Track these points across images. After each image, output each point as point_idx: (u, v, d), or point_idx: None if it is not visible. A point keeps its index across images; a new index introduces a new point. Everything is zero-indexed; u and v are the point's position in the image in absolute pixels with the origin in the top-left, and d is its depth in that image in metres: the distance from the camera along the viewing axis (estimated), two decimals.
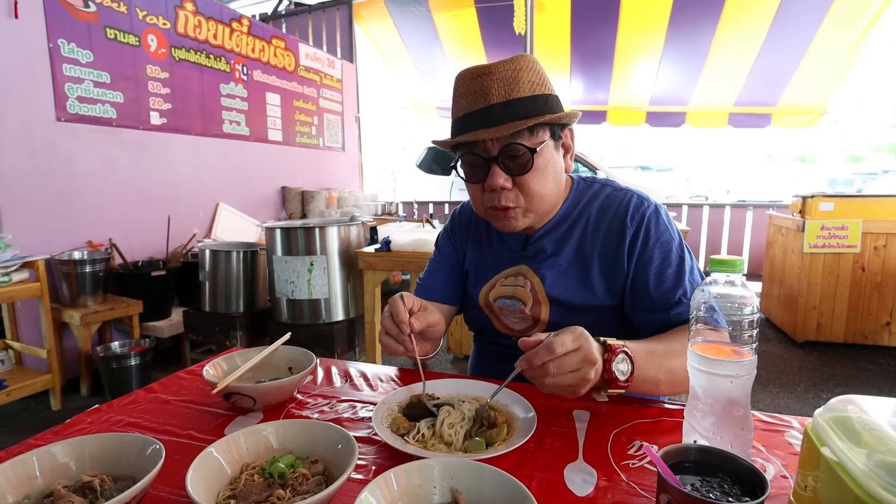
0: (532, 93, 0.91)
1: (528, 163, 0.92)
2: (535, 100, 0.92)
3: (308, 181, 5.16)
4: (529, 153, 0.91)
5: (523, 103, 0.91)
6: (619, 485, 0.64)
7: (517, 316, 1.07)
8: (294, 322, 2.81)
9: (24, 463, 0.61)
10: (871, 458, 0.47)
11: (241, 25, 4.26)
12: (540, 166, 0.94)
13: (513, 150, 0.91)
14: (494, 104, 0.90)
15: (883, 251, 3.48)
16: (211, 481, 0.60)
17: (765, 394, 2.90)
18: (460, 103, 0.96)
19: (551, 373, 0.71)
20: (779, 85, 5.56)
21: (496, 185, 0.92)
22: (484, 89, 0.91)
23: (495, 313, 1.11)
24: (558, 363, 0.71)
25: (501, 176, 0.92)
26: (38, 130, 2.85)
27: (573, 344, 0.72)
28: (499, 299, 1.09)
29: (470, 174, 0.98)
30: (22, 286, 2.55)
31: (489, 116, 0.91)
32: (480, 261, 1.15)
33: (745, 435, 0.64)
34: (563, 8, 5.08)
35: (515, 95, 0.90)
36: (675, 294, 0.95)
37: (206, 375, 0.89)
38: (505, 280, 1.08)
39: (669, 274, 0.96)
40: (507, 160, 0.92)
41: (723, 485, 0.52)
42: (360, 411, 0.89)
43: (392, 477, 0.57)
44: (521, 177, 0.93)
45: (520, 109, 0.90)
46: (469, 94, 0.93)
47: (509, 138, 0.90)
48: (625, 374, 0.76)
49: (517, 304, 1.06)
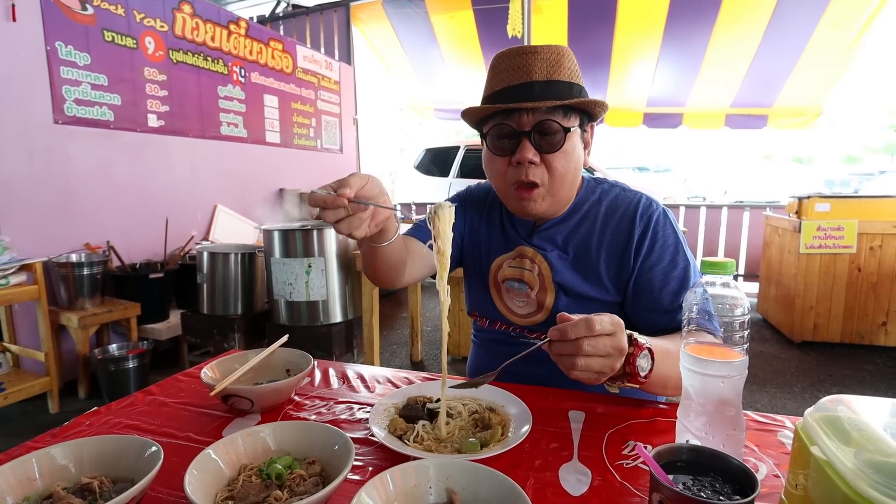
0: (571, 79, 0.94)
1: (559, 141, 0.94)
2: (573, 86, 0.94)
3: (306, 183, 5.16)
4: (563, 132, 0.93)
5: (563, 86, 0.93)
6: (613, 485, 0.65)
7: (522, 300, 1.08)
8: (292, 324, 2.82)
9: (24, 465, 0.62)
10: (859, 457, 0.48)
11: (239, 28, 4.27)
12: (568, 149, 0.95)
13: (547, 126, 0.93)
14: (536, 81, 0.92)
15: (879, 251, 3.50)
16: (209, 483, 0.61)
17: (762, 394, 2.91)
18: (499, 78, 0.96)
19: (585, 351, 0.67)
20: (775, 86, 5.58)
21: (525, 158, 0.93)
22: (527, 66, 0.93)
23: (501, 295, 1.12)
24: (594, 342, 0.67)
25: (531, 150, 0.93)
26: (36, 133, 2.85)
27: (611, 327, 0.69)
28: (507, 281, 1.10)
29: (499, 147, 0.98)
30: (19, 289, 2.55)
31: (529, 91, 0.92)
32: (489, 238, 1.16)
33: (737, 434, 0.64)
34: (560, 10, 5.10)
35: (557, 77, 0.93)
36: (679, 297, 0.96)
37: (204, 378, 0.90)
38: (512, 262, 1.10)
39: (675, 276, 0.97)
40: (539, 136, 0.94)
41: (714, 484, 0.53)
42: (357, 413, 0.89)
43: (388, 477, 0.58)
44: (550, 155, 0.95)
45: (559, 90, 0.93)
46: (510, 69, 0.94)
47: (545, 113, 0.92)
48: (644, 371, 0.74)
49: (524, 288, 1.07)
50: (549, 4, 5.02)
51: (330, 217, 0.75)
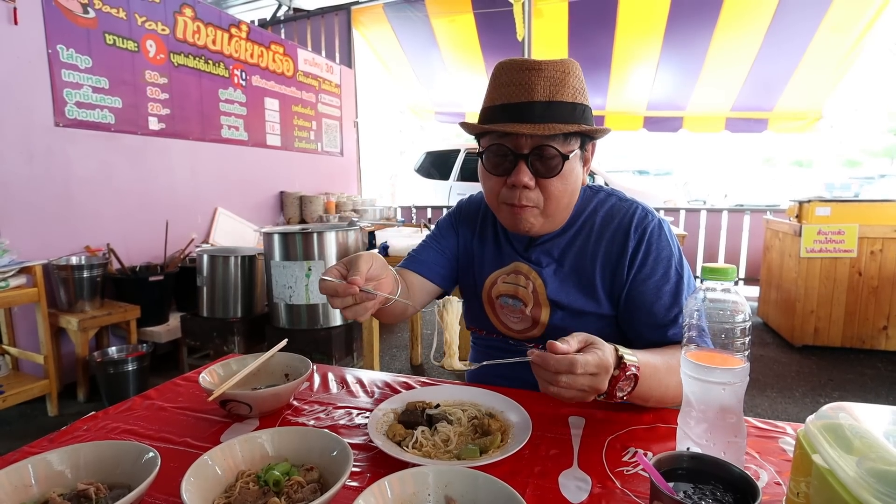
0: (574, 99, 0.91)
1: (557, 166, 0.91)
2: (575, 107, 0.91)
3: (306, 186, 5.17)
4: (561, 158, 0.91)
5: (565, 108, 0.90)
6: (614, 492, 0.65)
7: (517, 316, 1.07)
8: (292, 327, 2.81)
9: (20, 471, 0.62)
10: (861, 466, 0.47)
11: (240, 31, 4.28)
12: (566, 172, 0.93)
13: (545, 151, 0.90)
14: (537, 101, 0.89)
15: (879, 255, 3.50)
16: (206, 489, 0.61)
17: (763, 398, 2.90)
18: (500, 92, 0.93)
19: (560, 384, 0.70)
20: (775, 90, 5.59)
21: (521, 182, 0.91)
22: (529, 83, 0.89)
23: (496, 311, 1.11)
24: (572, 379, 0.69)
25: (527, 174, 0.91)
26: (37, 136, 2.85)
27: (595, 369, 0.70)
28: (501, 297, 1.09)
29: (494, 165, 0.96)
30: (19, 291, 2.55)
31: (529, 112, 0.89)
32: (482, 254, 1.14)
33: (739, 441, 0.64)
34: (561, 14, 5.11)
35: (559, 98, 0.90)
36: (671, 312, 0.95)
37: (203, 382, 0.90)
38: (506, 277, 1.08)
39: (667, 291, 0.96)
40: (537, 160, 0.91)
41: (715, 492, 0.53)
42: (356, 418, 0.89)
43: (386, 484, 0.57)
44: (546, 179, 0.92)
45: (561, 113, 0.90)
46: (512, 84, 0.91)
47: (544, 139, 0.89)
48: (623, 393, 0.76)
49: (518, 304, 1.06)
50: (550, 8, 5.03)
51: (338, 304, 0.79)
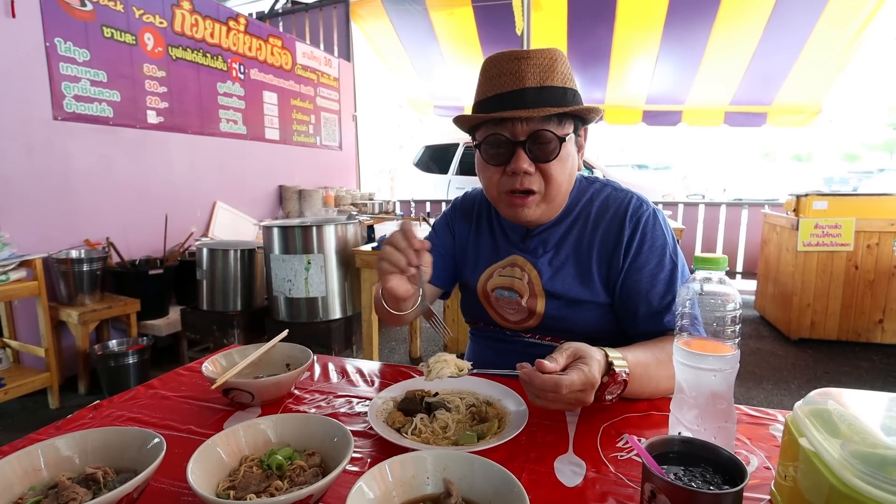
0: (564, 84, 0.93)
1: (554, 150, 0.93)
2: (566, 91, 0.93)
3: (305, 180, 5.17)
4: (558, 141, 0.92)
5: (557, 92, 0.92)
6: (608, 476, 0.67)
7: (513, 307, 1.08)
8: (291, 320, 2.83)
9: (30, 456, 0.63)
10: (845, 448, 0.49)
11: (238, 24, 4.26)
12: (563, 156, 0.94)
13: (542, 136, 0.91)
14: (529, 87, 0.91)
15: (876, 249, 3.52)
16: (211, 473, 0.62)
17: (759, 390, 2.93)
18: (491, 83, 0.94)
19: (547, 399, 0.72)
20: (774, 84, 5.59)
21: (521, 168, 0.92)
22: (519, 72, 0.91)
23: (492, 304, 1.12)
24: (556, 398, 0.71)
25: (526, 160, 0.92)
26: (35, 129, 2.85)
27: (580, 386, 0.71)
28: (496, 290, 1.10)
29: (492, 156, 0.97)
30: (19, 285, 2.56)
31: (522, 99, 0.91)
32: (478, 249, 1.15)
33: (729, 427, 0.66)
34: (560, 7, 5.09)
35: (550, 83, 0.91)
36: (664, 300, 0.96)
37: (206, 372, 0.91)
38: (502, 270, 1.09)
39: (662, 278, 0.97)
40: (534, 146, 0.92)
41: (705, 474, 0.54)
42: (356, 406, 0.90)
43: (387, 468, 0.59)
44: (545, 164, 0.94)
45: (553, 97, 0.91)
46: (502, 74, 0.92)
47: (540, 123, 0.91)
48: (613, 395, 0.79)
49: (514, 296, 1.07)
50: (549, 1, 5.01)
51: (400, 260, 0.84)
